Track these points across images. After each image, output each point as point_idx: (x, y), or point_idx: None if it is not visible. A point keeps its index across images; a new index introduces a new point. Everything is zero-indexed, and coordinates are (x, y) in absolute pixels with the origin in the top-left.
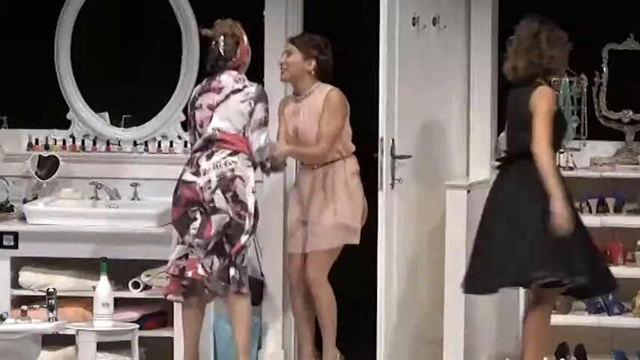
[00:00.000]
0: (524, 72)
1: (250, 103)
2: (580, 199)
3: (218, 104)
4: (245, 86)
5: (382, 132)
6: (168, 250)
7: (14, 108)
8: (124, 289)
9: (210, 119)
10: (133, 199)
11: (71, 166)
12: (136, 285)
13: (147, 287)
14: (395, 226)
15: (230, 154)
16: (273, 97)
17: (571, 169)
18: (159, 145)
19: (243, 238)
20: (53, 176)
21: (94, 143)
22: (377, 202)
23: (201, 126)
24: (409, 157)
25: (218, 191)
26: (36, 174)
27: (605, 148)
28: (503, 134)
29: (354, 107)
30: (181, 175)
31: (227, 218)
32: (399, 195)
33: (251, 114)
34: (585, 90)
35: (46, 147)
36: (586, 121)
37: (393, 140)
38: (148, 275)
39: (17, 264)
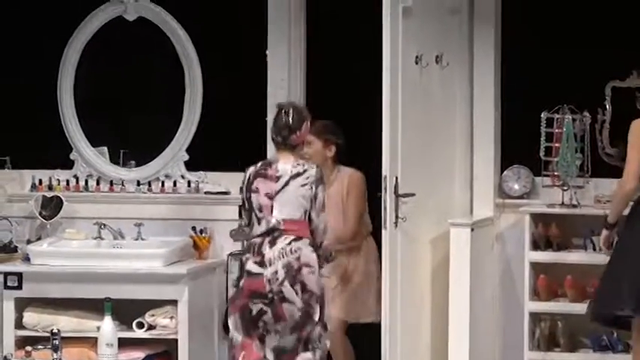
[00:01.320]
0: None
1: (312, 187)
2: (584, 236)
3: (277, 193)
4: (305, 170)
5: (385, 170)
6: (172, 289)
7: (18, 148)
8: (128, 330)
9: (271, 209)
10: (136, 239)
11: (75, 207)
12: (141, 325)
13: (151, 327)
14: (399, 264)
15: (294, 240)
16: None
17: (575, 206)
18: (162, 185)
19: (317, 330)
20: (57, 216)
21: (98, 183)
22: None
23: (260, 210)
24: (413, 195)
25: (286, 283)
26: (40, 214)
27: (608, 185)
28: (507, 172)
29: (356, 145)
30: (244, 265)
31: (296, 309)
32: (402, 233)
33: (313, 198)
34: (588, 127)
35: (50, 187)
36: (589, 159)
37: (396, 178)
38: (153, 315)
39: (21, 304)
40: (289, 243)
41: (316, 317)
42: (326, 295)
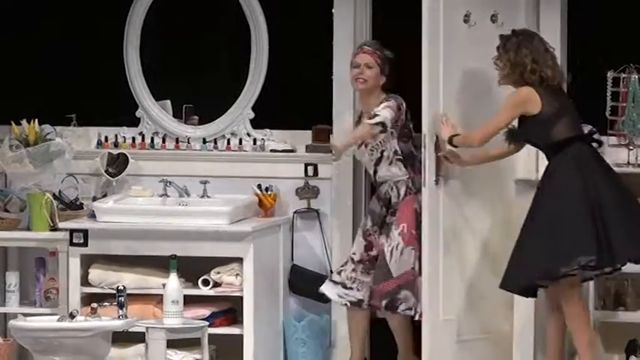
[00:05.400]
0: None
1: None
2: None
3: None
4: None
5: (425, 128)
6: (238, 247)
7: (84, 106)
8: (193, 287)
9: None
10: (202, 197)
11: (140, 164)
12: (206, 282)
13: (217, 285)
14: (440, 222)
15: None
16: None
17: None
18: (228, 143)
19: None
20: (123, 174)
21: (163, 141)
22: None
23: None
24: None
25: None
26: (106, 171)
27: None
28: None
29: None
30: None
31: None
32: (447, 192)
33: None
34: None
35: (116, 145)
36: None
37: (437, 136)
38: (218, 273)
39: (87, 261)
40: None
41: None
42: None
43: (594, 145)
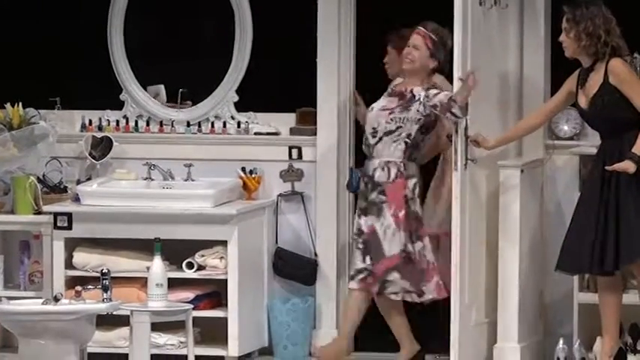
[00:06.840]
0: None
1: None
2: None
3: None
4: None
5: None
6: (222, 230)
7: (68, 89)
8: (177, 270)
9: None
10: (186, 180)
11: (124, 147)
12: (190, 265)
13: (201, 268)
14: (467, 204)
15: None
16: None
17: None
18: (212, 126)
19: None
20: (107, 157)
21: (147, 124)
22: None
23: None
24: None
25: None
26: (90, 155)
27: None
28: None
29: None
30: None
31: None
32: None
33: None
34: (638, 68)
35: (100, 128)
36: None
37: (466, 121)
38: (202, 255)
39: (71, 245)
40: None
41: None
42: None
43: None
